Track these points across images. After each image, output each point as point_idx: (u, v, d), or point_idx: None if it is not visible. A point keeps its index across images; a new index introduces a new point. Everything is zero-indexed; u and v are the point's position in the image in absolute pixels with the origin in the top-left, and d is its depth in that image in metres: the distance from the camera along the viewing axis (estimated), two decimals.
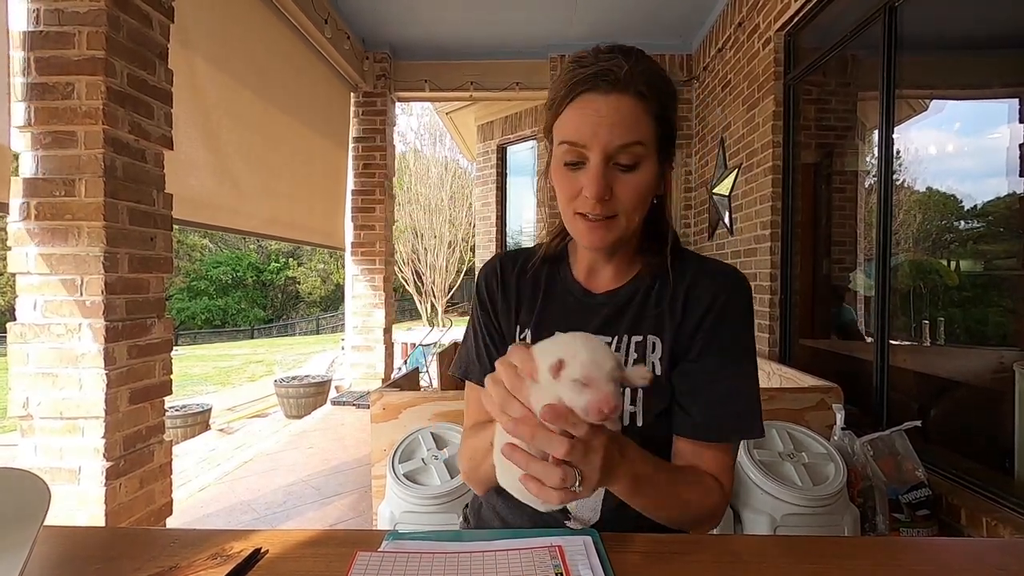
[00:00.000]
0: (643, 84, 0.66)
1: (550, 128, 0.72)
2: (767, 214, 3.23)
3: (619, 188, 0.68)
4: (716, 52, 4.10)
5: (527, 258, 0.85)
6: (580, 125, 0.66)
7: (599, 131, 0.65)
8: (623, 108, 0.65)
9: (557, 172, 0.71)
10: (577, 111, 0.67)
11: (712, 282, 0.75)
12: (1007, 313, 2.13)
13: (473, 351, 0.84)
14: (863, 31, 2.52)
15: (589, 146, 0.66)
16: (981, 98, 2.35)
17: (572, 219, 0.72)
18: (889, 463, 1.89)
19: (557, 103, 0.69)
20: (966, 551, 0.63)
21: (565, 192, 0.70)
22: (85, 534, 0.66)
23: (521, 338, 0.80)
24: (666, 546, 0.61)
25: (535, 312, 0.80)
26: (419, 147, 15.31)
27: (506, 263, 0.86)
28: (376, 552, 0.58)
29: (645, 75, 0.66)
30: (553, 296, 0.81)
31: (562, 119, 0.69)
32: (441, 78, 4.93)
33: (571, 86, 0.67)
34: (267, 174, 3.58)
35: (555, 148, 0.71)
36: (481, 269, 0.88)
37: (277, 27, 3.67)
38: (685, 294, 0.75)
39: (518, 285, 0.83)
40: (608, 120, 0.65)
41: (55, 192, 1.88)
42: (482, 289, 0.85)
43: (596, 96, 0.66)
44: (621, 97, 0.65)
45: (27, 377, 1.92)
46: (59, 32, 1.87)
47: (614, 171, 0.68)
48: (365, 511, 2.70)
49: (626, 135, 0.66)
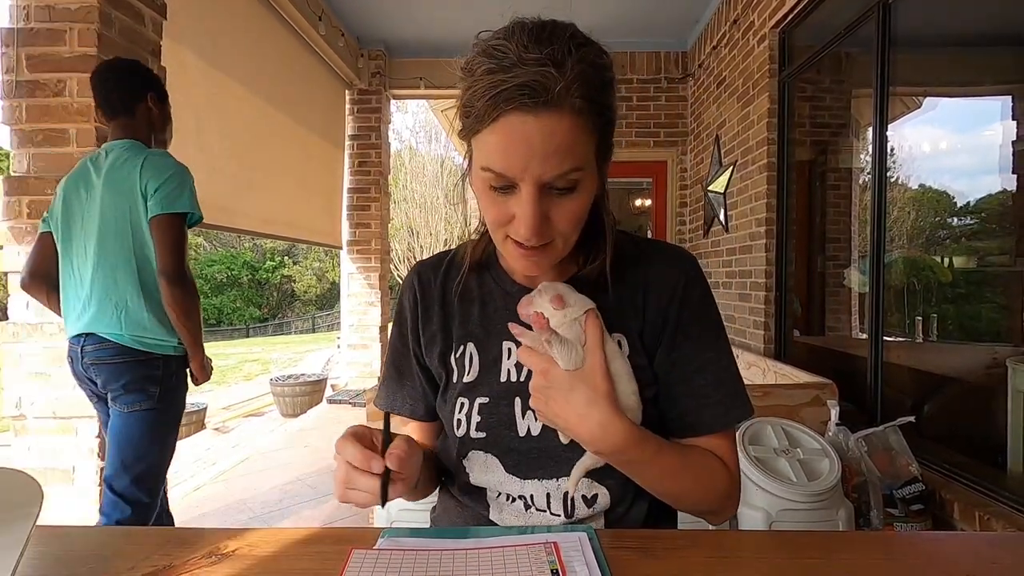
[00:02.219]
0: (579, 95, 0.54)
1: (467, 136, 0.61)
2: (762, 211, 3.24)
3: (556, 213, 0.59)
4: (711, 49, 4.11)
5: (449, 266, 0.77)
6: (508, 155, 0.55)
7: (530, 164, 0.55)
8: (558, 133, 0.54)
9: (482, 194, 0.61)
10: (503, 137, 0.55)
11: (669, 268, 0.71)
12: (1000, 309, 2.14)
13: (396, 382, 0.78)
14: (857, 28, 2.53)
15: (519, 178, 0.56)
16: (974, 95, 2.36)
17: (503, 242, 0.63)
18: (883, 459, 1.90)
19: (476, 118, 0.56)
20: (960, 545, 0.64)
21: (492, 216, 0.61)
22: (79, 533, 0.66)
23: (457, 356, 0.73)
24: (662, 542, 0.61)
25: (474, 324, 0.73)
26: (414, 145, 15.29)
27: (425, 277, 0.77)
28: (372, 549, 0.58)
29: (581, 81, 0.54)
30: (491, 303, 0.73)
31: (484, 138, 0.57)
32: (436, 75, 4.91)
33: (491, 100, 0.54)
34: (262, 172, 3.56)
35: (476, 166, 0.60)
36: (400, 288, 0.79)
37: (270, 24, 3.65)
38: (644, 284, 0.70)
39: (443, 299, 0.75)
40: (540, 150, 0.54)
41: (47, 191, 1.87)
42: (404, 310, 0.77)
43: (524, 118, 0.53)
44: (554, 117, 0.53)
45: (20, 377, 1.91)
46: (50, 29, 1.86)
47: (549, 195, 0.58)
48: (361, 510, 2.70)
49: (562, 163, 0.55)
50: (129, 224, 1.54)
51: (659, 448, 0.63)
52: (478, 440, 0.70)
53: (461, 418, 0.71)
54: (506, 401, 0.69)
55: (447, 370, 0.74)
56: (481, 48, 0.57)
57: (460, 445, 0.72)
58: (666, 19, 4.33)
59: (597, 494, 0.68)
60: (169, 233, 1.52)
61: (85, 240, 1.57)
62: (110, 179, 1.55)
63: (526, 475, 0.69)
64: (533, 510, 0.69)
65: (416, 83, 4.98)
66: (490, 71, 0.54)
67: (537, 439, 0.68)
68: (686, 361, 0.69)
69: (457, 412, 0.71)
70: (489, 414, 0.69)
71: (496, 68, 0.54)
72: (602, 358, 0.62)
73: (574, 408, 0.60)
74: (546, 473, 0.68)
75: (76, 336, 1.57)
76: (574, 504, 0.68)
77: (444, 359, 0.74)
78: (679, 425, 0.69)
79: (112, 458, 1.55)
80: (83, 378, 1.61)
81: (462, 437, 0.71)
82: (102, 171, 1.56)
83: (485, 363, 0.72)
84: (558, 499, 0.68)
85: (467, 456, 0.72)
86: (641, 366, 0.68)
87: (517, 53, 0.53)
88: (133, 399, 1.55)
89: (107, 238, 1.54)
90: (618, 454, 0.61)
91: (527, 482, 0.69)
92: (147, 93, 1.66)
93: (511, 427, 0.69)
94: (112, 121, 1.63)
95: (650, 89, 4.80)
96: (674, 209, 4.89)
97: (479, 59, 0.56)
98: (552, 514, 0.68)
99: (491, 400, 0.70)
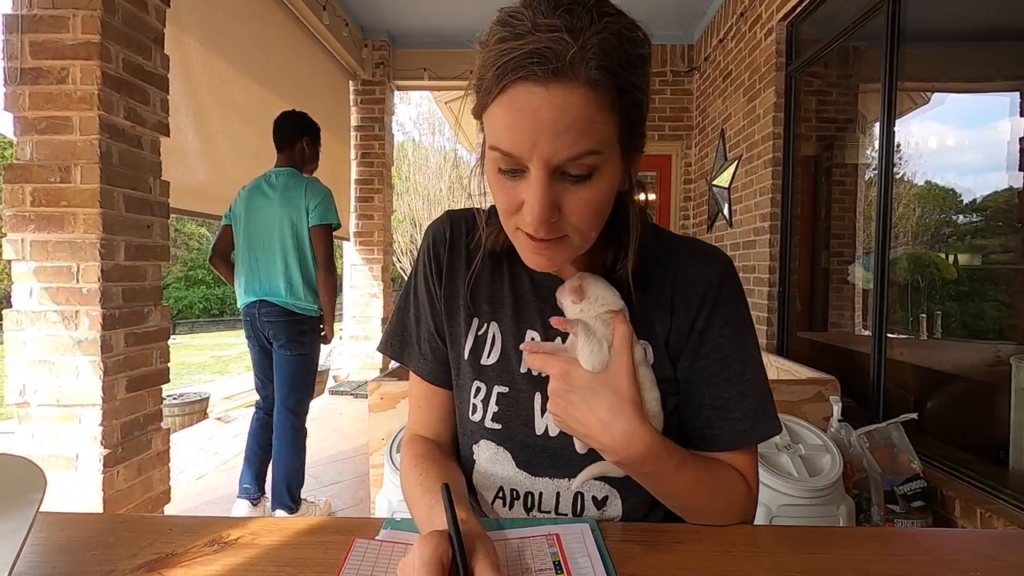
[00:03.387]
0: (596, 66, 0.48)
1: (478, 114, 0.55)
2: (767, 206, 3.23)
3: (568, 203, 0.53)
4: (717, 42, 4.07)
5: (481, 227, 0.68)
6: (514, 131, 0.50)
7: (539, 141, 0.49)
8: (571, 107, 0.48)
9: (492, 176, 0.56)
10: (508, 110, 0.50)
11: (700, 268, 0.65)
12: (1004, 307, 2.13)
13: (413, 333, 0.73)
14: (866, 22, 2.51)
15: (527, 158, 0.51)
16: (983, 91, 2.34)
17: (514, 233, 0.58)
18: (885, 455, 1.90)
19: (485, 90, 0.51)
20: (963, 542, 0.63)
21: (502, 203, 0.56)
22: (82, 520, 0.66)
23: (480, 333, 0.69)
24: (663, 535, 0.61)
25: (501, 304, 0.69)
26: (417, 136, 15.25)
27: (457, 227, 0.71)
28: (374, 540, 0.58)
29: (600, 50, 0.48)
30: (520, 286, 0.69)
31: (492, 113, 0.51)
32: (440, 67, 4.89)
33: (499, 70, 0.49)
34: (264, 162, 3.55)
35: (487, 146, 0.55)
36: (427, 229, 0.73)
37: (274, 12, 3.63)
38: (672, 285, 0.65)
39: (469, 259, 0.70)
40: (550, 126, 0.48)
41: (50, 179, 1.87)
42: (431, 255, 0.71)
43: (532, 88, 0.48)
44: (567, 89, 0.48)
45: (24, 364, 1.92)
46: (53, 15, 1.85)
47: (562, 182, 0.52)
48: (363, 500, 2.71)
49: (575, 144, 0.49)
50: (295, 228, 2.25)
51: (682, 462, 0.59)
52: (493, 431, 0.67)
53: (477, 403, 0.67)
54: (526, 395, 0.66)
55: (464, 341, 0.69)
56: (498, 18, 0.51)
57: (473, 431, 0.69)
58: (672, 11, 4.30)
59: (608, 496, 0.65)
60: (323, 237, 2.28)
61: (263, 235, 2.25)
62: (284, 196, 2.25)
63: (537, 473, 0.66)
64: (535, 512, 0.66)
65: (420, 74, 4.96)
66: (502, 39, 0.49)
67: (555, 439, 0.65)
68: (712, 371, 0.64)
69: (473, 396, 0.68)
70: (507, 406, 0.66)
71: (508, 36, 0.49)
72: (630, 360, 0.57)
73: (596, 414, 0.56)
74: (559, 472, 0.65)
75: (253, 302, 2.27)
76: (584, 504, 0.65)
77: (467, 326, 0.69)
78: (699, 437, 0.65)
79: (280, 386, 2.30)
80: (255, 332, 2.33)
81: (476, 423, 0.68)
82: (276, 189, 2.28)
83: (507, 349, 0.67)
84: (567, 499, 0.65)
85: (478, 443, 0.69)
86: (666, 377, 0.64)
87: (532, 20, 0.48)
88: (294, 346, 2.28)
89: (282, 236, 2.24)
90: (639, 465, 0.58)
91: (538, 479, 0.66)
92: (303, 137, 2.36)
93: (528, 423, 0.65)
94: (280, 153, 2.36)
95: (655, 82, 4.76)
96: (678, 203, 4.87)
97: (494, 28, 0.51)
98: (558, 514, 0.66)
99: (511, 391, 0.66)
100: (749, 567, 0.55)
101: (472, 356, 0.68)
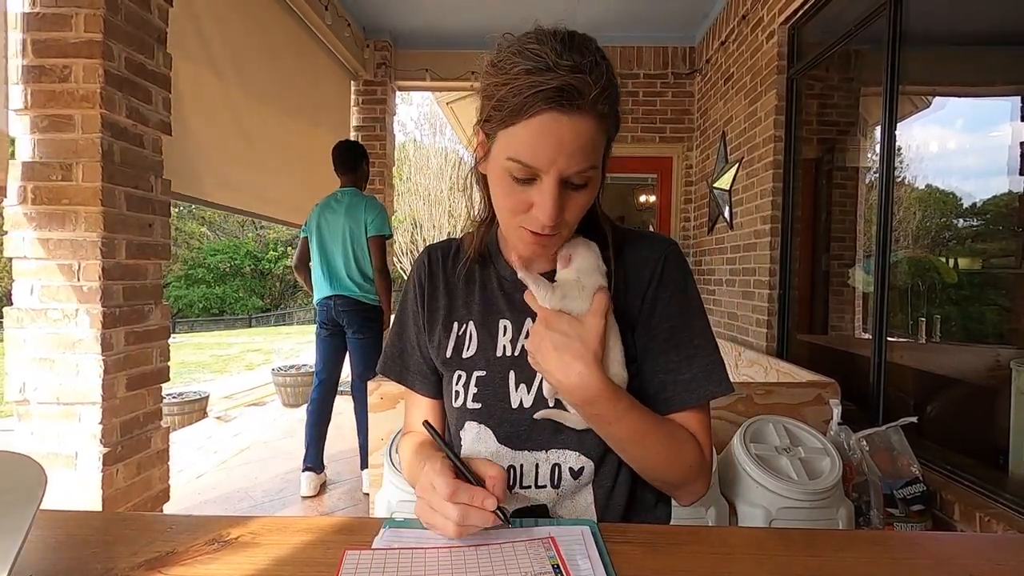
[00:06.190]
0: (604, 103, 0.61)
1: (494, 129, 0.65)
2: (767, 209, 3.23)
3: (568, 206, 0.66)
4: (719, 45, 4.08)
5: (456, 251, 0.84)
6: (538, 149, 0.61)
7: (558, 158, 0.61)
8: (584, 134, 0.61)
9: (502, 182, 0.66)
10: (535, 132, 0.61)
11: (648, 250, 0.76)
12: (1004, 311, 2.13)
13: (408, 354, 0.84)
14: (867, 26, 2.51)
15: (544, 171, 0.62)
16: (984, 95, 2.34)
17: (515, 229, 0.69)
18: (884, 458, 1.90)
19: (510, 112, 0.61)
20: (962, 545, 0.63)
21: (511, 205, 0.67)
22: (82, 518, 0.66)
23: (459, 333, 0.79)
24: (663, 537, 0.61)
25: (475, 306, 0.79)
26: (419, 137, 15.26)
27: (435, 256, 0.85)
28: (366, 550, 0.58)
29: (606, 91, 0.61)
30: (490, 288, 0.80)
31: (515, 132, 0.62)
32: (442, 67, 4.89)
33: (529, 99, 0.59)
34: (267, 161, 3.55)
35: (499, 156, 0.65)
36: (414, 263, 0.87)
37: (276, 12, 3.63)
38: (624, 267, 0.75)
39: (447, 280, 0.83)
40: (569, 147, 0.61)
41: (52, 176, 1.87)
42: (415, 283, 0.84)
43: (559, 117, 0.60)
44: (584, 121, 0.60)
45: (24, 362, 1.92)
46: (56, 14, 1.85)
47: (565, 191, 0.65)
48: (362, 500, 2.72)
49: (584, 161, 0.62)
50: (355, 236, 2.82)
51: (631, 407, 0.66)
52: (474, 411, 0.75)
53: (459, 389, 0.76)
54: (501, 374, 0.75)
55: (446, 343, 0.79)
56: (515, 49, 0.62)
57: (458, 416, 0.77)
58: (674, 13, 4.30)
59: (584, 467, 0.72)
60: (378, 246, 2.83)
61: (333, 244, 2.83)
62: (349, 212, 2.82)
63: (517, 446, 0.73)
64: (518, 488, 0.72)
65: (422, 75, 4.95)
66: (528, 71, 0.60)
67: (529, 410, 0.73)
68: (663, 338, 0.73)
69: (455, 384, 0.76)
70: (485, 386, 0.75)
71: (533, 69, 0.59)
72: (601, 324, 0.66)
73: (560, 355, 0.64)
74: (536, 445, 0.73)
75: (329, 296, 2.82)
76: (560, 475, 0.72)
77: (447, 331, 0.80)
78: (653, 402, 0.72)
79: (356, 364, 2.87)
80: (329, 321, 2.86)
81: (459, 407, 0.76)
82: (343, 206, 2.84)
83: (483, 340, 0.77)
84: (546, 471, 0.72)
85: (463, 427, 0.76)
86: (625, 351, 0.72)
87: (552, 58, 0.59)
88: (364, 332, 2.85)
89: (344, 243, 2.81)
90: (589, 405, 0.65)
91: (519, 453, 0.73)
92: (362, 161, 2.96)
93: (505, 399, 0.74)
94: (344, 175, 2.93)
95: (656, 84, 4.77)
96: (678, 205, 4.87)
97: (513, 59, 0.61)
98: (538, 487, 0.72)
99: (488, 373, 0.75)
100: (748, 569, 0.55)
101: (455, 353, 0.78)
